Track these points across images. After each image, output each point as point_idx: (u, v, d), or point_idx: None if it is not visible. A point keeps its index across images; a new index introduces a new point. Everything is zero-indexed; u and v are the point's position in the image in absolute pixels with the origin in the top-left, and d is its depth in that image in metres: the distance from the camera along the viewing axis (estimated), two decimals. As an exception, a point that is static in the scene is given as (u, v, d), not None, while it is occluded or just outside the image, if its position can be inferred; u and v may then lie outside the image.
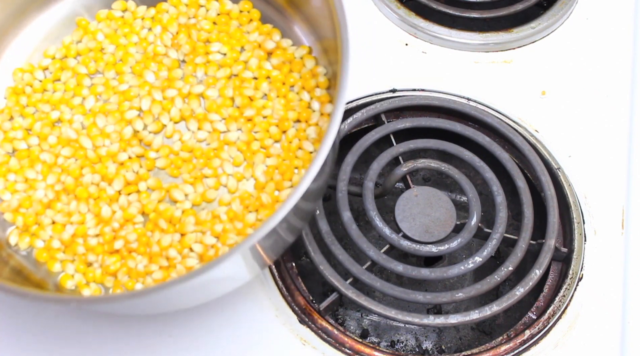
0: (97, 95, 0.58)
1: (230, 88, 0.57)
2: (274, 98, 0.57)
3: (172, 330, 0.57)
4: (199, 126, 0.57)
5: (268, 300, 0.58)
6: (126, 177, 0.56)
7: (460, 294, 0.56)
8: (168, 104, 0.57)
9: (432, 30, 0.72)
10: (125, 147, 0.56)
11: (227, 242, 0.53)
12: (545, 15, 0.73)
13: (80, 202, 0.55)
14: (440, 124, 0.64)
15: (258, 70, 0.58)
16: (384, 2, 0.74)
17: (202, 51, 0.59)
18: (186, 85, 0.58)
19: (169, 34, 0.60)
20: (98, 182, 0.56)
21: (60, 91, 0.58)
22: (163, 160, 0.57)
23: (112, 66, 0.59)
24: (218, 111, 0.57)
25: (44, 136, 0.57)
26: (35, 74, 0.59)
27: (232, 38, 0.59)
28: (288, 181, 0.55)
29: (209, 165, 0.56)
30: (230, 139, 0.57)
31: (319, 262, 0.57)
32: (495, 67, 0.71)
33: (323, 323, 0.57)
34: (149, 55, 0.59)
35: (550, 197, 0.61)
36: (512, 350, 0.57)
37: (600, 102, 0.69)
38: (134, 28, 0.60)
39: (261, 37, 0.59)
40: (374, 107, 0.66)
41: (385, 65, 0.71)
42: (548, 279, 0.61)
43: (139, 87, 0.58)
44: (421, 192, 0.61)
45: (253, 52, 0.59)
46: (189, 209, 0.55)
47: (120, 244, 0.54)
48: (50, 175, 0.56)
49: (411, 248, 0.58)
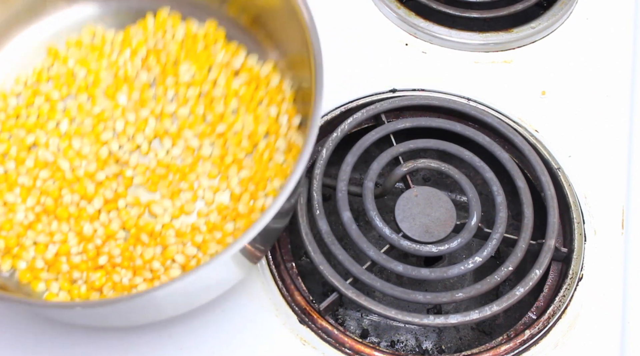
0: (71, 118, 0.59)
1: (201, 106, 0.59)
2: (243, 113, 0.59)
3: (172, 330, 0.57)
4: (173, 143, 0.59)
5: (268, 300, 0.58)
6: (105, 195, 0.57)
7: (460, 294, 0.56)
8: (142, 124, 0.59)
9: (432, 30, 0.72)
10: (102, 166, 0.57)
11: (208, 252, 0.55)
12: (545, 15, 0.73)
13: (61, 222, 0.56)
14: (440, 124, 0.64)
15: (226, 88, 0.60)
16: (384, 2, 0.74)
17: (172, 72, 0.61)
18: (158, 105, 0.59)
19: (139, 57, 0.61)
20: (78, 201, 0.57)
21: (34, 116, 0.59)
22: (140, 177, 0.58)
23: (84, 90, 0.60)
24: (191, 127, 0.59)
25: (21, 159, 0.58)
26: (8, 101, 0.60)
27: (200, 58, 0.61)
28: (262, 191, 0.57)
29: (185, 179, 0.57)
30: (204, 154, 0.58)
31: (319, 262, 0.57)
32: (495, 67, 0.71)
33: (323, 323, 0.57)
34: (120, 79, 0.61)
35: (550, 197, 0.61)
36: (512, 350, 0.57)
37: (600, 102, 0.69)
38: (104, 52, 0.61)
39: (227, 55, 0.61)
40: (374, 107, 0.66)
41: (385, 65, 0.71)
42: (548, 279, 0.61)
43: (112, 109, 0.59)
44: (421, 192, 0.61)
45: (221, 71, 0.61)
46: (168, 223, 0.56)
47: (104, 260, 0.54)
48: (29, 197, 0.56)
49: (411, 248, 0.58)
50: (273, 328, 0.57)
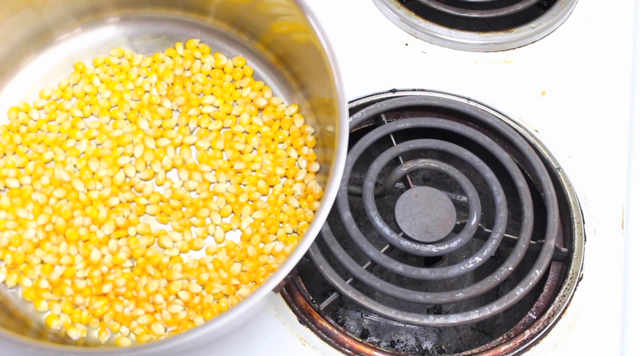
0: (90, 139, 0.59)
1: (221, 140, 0.60)
2: (263, 153, 0.59)
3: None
4: (189, 176, 0.59)
5: (268, 299, 0.58)
6: (116, 221, 0.57)
7: (460, 294, 0.56)
8: (160, 153, 0.59)
9: (432, 30, 0.72)
10: (116, 192, 0.58)
11: (212, 291, 0.55)
12: (545, 15, 0.73)
13: (70, 244, 0.56)
14: (440, 124, 0.64)
15: (249, 125, 0.60)
16: (384, 2, 0.74)
17: (196, 103, 0.61)
18: (179, 135, 0.60)
19: (164, 84, 0.61)
20: (89, 225, 0.57)
21: (54, 132, 0.59)
22: (153, 207, 0.58)
23: (106, 111, 0.60)
24: (209, 162, 0.59)
25: (37, 175, 0.58)
26: (30, 114, 0.60)
27: (225, 92, 0.61)
28: (273, 235, 0.57)
29: (198, 214, 0.58)
30: (219, 190, 0.59)
31: (319, 262, 0.57)
32: (495, 67, 0.71)
33: (323, 323, 0.57)
34: (144, 104, 0.61)
35: (550, 197, 0.61)
36: (512, 350, 0.57)
37: (600, 102, 0.69)
38: (130, 75, 0.62)
39: (253, 93, 0.62)
40: (374, 107, 0.66)
41: (385, 65, 0.71)
42: (548, 279, 0.61)
43: (132, 134, 0.60)
44: (421, 192, 0.61)
45: (245, 107, 0.61)
46: (176, 256, 0.57)
47: (108, 288, 0.55)
48: (41, 215, 0.57)
49: (411, 248, 0.58)
50: (273, 328, 0.57)
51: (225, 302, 0.55)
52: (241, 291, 0.55)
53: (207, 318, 0.54)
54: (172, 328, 0.54)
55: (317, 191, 0.58)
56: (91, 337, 0.55)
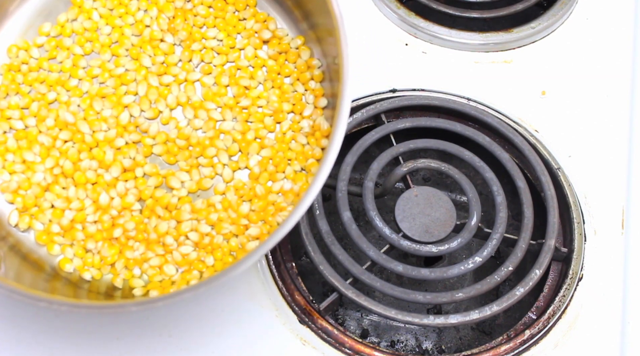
0: (93, 77, 0.58)
1: (226, 76, 0.58)
2: (269, 88, 0.58)
3: (172, 330, 0.57)
4: (194, 114, 0.58)
5: (268, 299, 0.58)
6: (123, 163, 0.56)
7: (460, 295, 0.56)
8: (164, 90, 0.58)
9: (432, 30, 0.72)
10: (122, 133, 0.57)
11: (221, 231, 0.55)
12: (545, 15, 0.73)
13: (78, 188, 0.56)
14: (440, 124, 0.64)
15: (254, 58, 0.59)
16: (384, 2, 0.74)
17: (199, 37, 0.59)
18: (182, 71, 0.58)
19: (165, 18, 0.59)
20: (96, 168, 0.56)
21: (56, 71, 0.58)
22: (160, 147, 0.57)
23: (107, 48, 0.59)
24: (214, 99, 0.58)
25: (41, 117, 0.57)
26: (30, 52, 0.59)
27: (229, 24, 0.59)
28: (281, 173, 0.56)
29: (205, 154, 0.57)
30: (225, 128, 0.58)
31: (319, 262, 0.57)
32: (495, 67, 0.71)
33: (323, 323, 0.57)
34: (145, 39, 0.59)
35: (550, 197, 0.61)
36: (512, 350, 0.57)
37: (600, 102, 0.69)
38: (130, 9, 0.60)
39: (257, 24, 0.60)
40: (374, 107, 0.66)
41: (385, 65, 0.71)
42: (548, 279, 0.61)
43: (135, 71, 0.58)
44: (421, 192, 0.61)
45: (249, 40, 0.59)
46: (184, 197, 0.56)
47: (119, 233, 0.55)
48: (48, 158, 0.56)
49: (411, 248, 0.58)
50: (273, 328, 0.57)
51: (235, 242, 0.55)
52: (250, 230, 0.55)
53: (218, 257, 0.54)
54: (184, 268, 0.54)
55: (325, 127, 0.56)
56: (105, 279, 0.55)
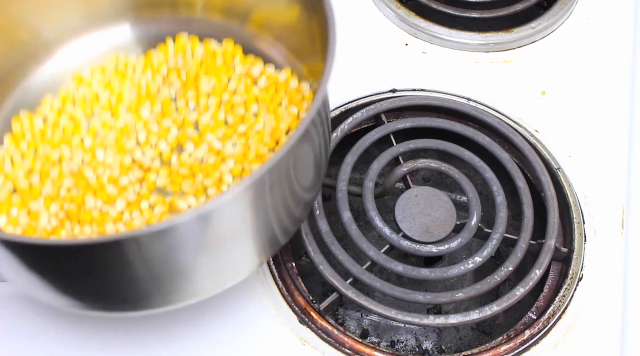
0: (95, 135, 0.59)
1: (222, 112, 0.59)
2: (264, 114, 0.59)
3: (172, 330, 0.57)
4: (195, 146, 0.58)
5: (268, 299, 0.58)
6: (128, 198, 0.56)
7: (460, 295, 0.56)
8: (164, 133, 0.59)
9: (432, 30, 0.72)
10: (126, 171, 0.57)
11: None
12: (545, 15, 0.73)
13: (83, 225, 0.55)
14: (440, 124, 0.64)
15: (246, 94, 0.60)
16: (384, 2, 0.74)
17: (192, 86, 0.61)
18: (180, 115, 0.60)
19: (160, 76, 0.62)
20: (101, 207, 0.56)
21: (58, 134, 0.59)
22: (163, 179, 0.57)
23: (107, 108, 0.61)
24: (212, 131, 0.59)
25: (46, 172, 0.57)
26: (34, 121, 0.60)
27: (219, 72, 0.62)
28: None
29: (211, 175, 0.57)
30: (226, 153, 0.58)
31: (319, 262, 0.57)
32: (495, 67, 0.71)
33: (323, 323, 0.57)
34: (142, 96, 0.61)
35: (550, 197, 0.61)
36: (512, 350, 0.57)
37: (600, 102, 0.69)
38: (127, 75, 0.62)
39: (245, 67, 0.61)
40: (374, 107, 0.66)
41: (385, 65, 0.71)
42: (548, 279, 0.61)
43: (135, 122, 0.60)
44: (421, 192, 0.61)
45: (240, 80, 0.61)
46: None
47: None
48: (53, 204, 0.56)
49: (411, 248, 0.58)
50: (273, 328, 0.57)
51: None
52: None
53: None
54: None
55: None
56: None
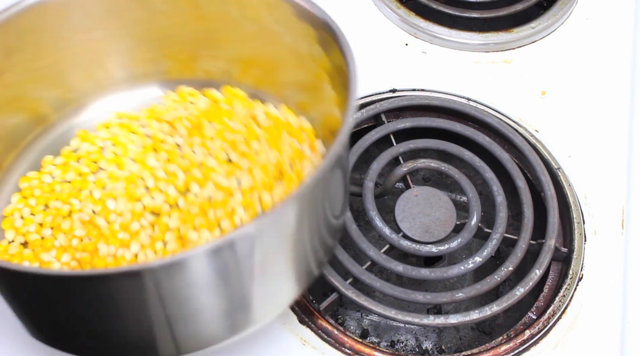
0: (103, 186, 0.59)
1: (223, 152, 0.59)
2: (267, 149, 0.59)
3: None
4: (200, 186, 0.58)
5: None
6: (142, 241, 0.55)
7: (460, 295, 0.56)
8: (172, 178, 0.59)
9: (432, 30, 0.72)
10: (138, 218, 0.57)
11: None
12: (545, 15, 0.73)
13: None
14: (440, 124, 0.65)
15: (248, 133, 0.60)
16: (384, 2, 0.74)
17: (197, 132, 0.61)
18: (185, 160, 0.59)
19: (165, 125, 0.61)
20: (114, 253, 0.55)
21: (67, 189, 0.59)
22: (175, 221, 0.56)
23: (113, 162, 0.60)
24: (217, 170, 0.58)
25: (57, 224, 0.57)
26: (42, 179, 0.60)
27: (222, 115, 0.61)
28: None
29: (223, 207, 0.56)
30: (233, 187, 0.57)
31: (319, 262, 0.57)
32: (495, 67, 0.71)
33: (323, 323, 0.57)
34: (147, 146, 0.61)
35: (550, 197, 0.61)
36: (512, 350, 0.57)
37: (600, 102, 0.69)
38: (132, 128, 0.62)
39: (247, 109, 0.62)
40: (374, 107, 0.66)
41: (385, 65, 0.71)
42: (548, 279, 0.61)
43: (141, 170, 0.59)
44: (421, 192, 0.61)
45: (242, 120, 0.61)
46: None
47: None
48: (64, 254, 0.55)
49: (411, 248, 0.58)
50: (273, 328, 0.57)
51: None
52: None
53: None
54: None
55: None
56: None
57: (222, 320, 0.47)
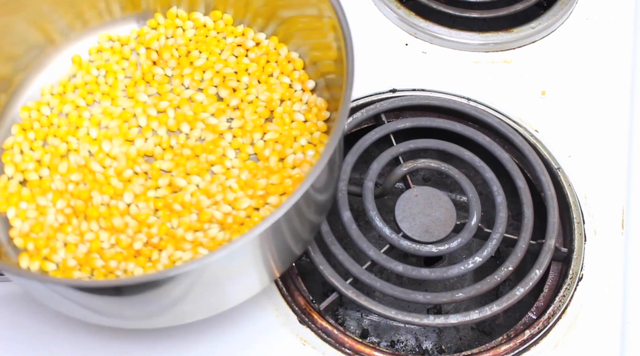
0: (98, 123, 0.60)
1: (213, 86, 0.61)
2: (256, 85, 0.60)
3: (171, 330, 0.57)
4: (191, 127, 0.59)
5: (268, 299, 0.58)
6: (135, 190, 0.56)
7: (460, 295, 0.56)
8: (164, 118, 0.60)
9: (432, 30, 0.72)
10: (132, 165, 0.58)
11: (242, 206, 0.54)
12: (545, 15, 0.73)
13: (90, 221, 0.55)
14: (440, 124, 0.65)
15: (237, 65, 0.61)
16: (384, 2, 0.74)
17: (187, 62, 0.62)
18: (176, 96, 0.61)
19: (154, 54, 0.63)
20: (108, 202, 0.56)
21: (64, 125, 0.60)
22: (168, 163, 0.58)
23: (107, 96, 0.62)
24: (205, 109, 0.60)
25: (54, 165, 0.58)
26: (41, 110, 0.61)
27: (210, 45, 0.63)
28: (290, 148, 0.57)
29: (214, 153, 0.57)
30: (223, 128, 0.59)
31: (319, 262, 0.57)
32: (495, 67, 0.71)
33: (323, 323, 0.57)
34: (137, 78, 0.62)
35: (550, 197, 0.61)
36: (512, 350, 0.57)
37: (600, 102, 0.69)
38: (124, 54, 0.63)
39: (237, 38, 0.63)
40: (374, 107, 0.66)
41: (385, 65, 0.71)
42: (548, 279, 0.61)
43: (133, 107, 0.61)
44: (421, 192, 0.61)
45: (232, 50, 0.62)
46: (196, 191, 0.56)
47: (139, 245, 0.53)
48: (59, 200, 0.56)
49: (411, 248, 0.58)
50: (273, 328, 0.57)
51: (257, 216, 0.54)
52: (271, 199, 0.54)
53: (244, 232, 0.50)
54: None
55: (320, 103, 0.58)
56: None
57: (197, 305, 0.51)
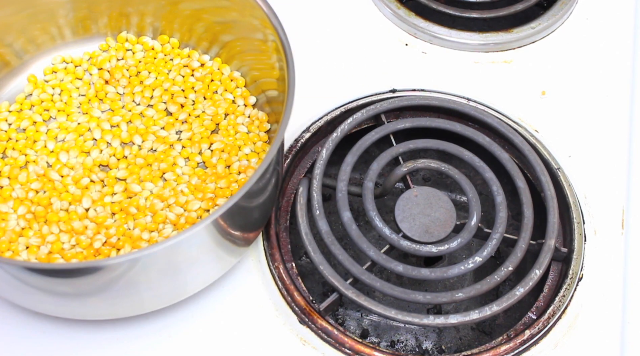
0: (55, 136, 0.64)
1: (162, 103, 0.66)
2: (202, 101, 0.66)
3: (171, 331, 0.57)
4: (143, 139, 0.64)
5: (268, 300, 0.58)
6: (92, 196, 0.60)
7: (460, 295, 0.56)
8: (117, 131, 0.64)
9: (432, 30, 0.72)
10: (89, 174, 0.61)
11: (193, 208, 0.59)
12: (545, 15, 0.73)
13: (51, 225, 0.58)
14: (440, 124, 0.65)
15: (184, 84, 0.67)
16: (384, 2, 0.74)
17: (137, 81, 0.67)
18: (128, 112, 0.66)
19: (106, 73, 0.67)
20: (67, 207, 0.59)
21: (22, 139, 0.64)
22: (123, 172, 0.61)
23: (63, 112, 0.66)
24: (156, 123, 0.65)
25: (15, 175, 0.61)
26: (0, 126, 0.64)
27: (158, 66, 0.68)
28: (235, 156, 0.62)
29: (165, 160, 0.62)
30: (173, 140, 0.64)
31: (319, 262, 0.57)
32: (495, 67, 0.71)
33: (323, 323, 0.57)
34: (90, 96, 0.67)
35: (550, 197, 0.61)
36: (512, 350, 0.57)
37: (600, 102, 0.69)
38: (77, 74, 0.68)
39: (183, 60, 0.68)
40: (374, 107, 0.66)
41: (385, 65, 0.71)
42: (548, 279, 0.61)
43: (88, 122, 0.65)
44: (421, 192, 0.61)
45: (179, 71, 0.67)
46: (150, 196, 0.60)
47: (99, 244, 0.56)
48: (21, 206, 0.59)
49: (411, 248, 0.58)
50: (273, 328, 0.57)
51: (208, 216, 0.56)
52: (220, 201, 0.59)
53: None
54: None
55: (261, 116, 0.64)
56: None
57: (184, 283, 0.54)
